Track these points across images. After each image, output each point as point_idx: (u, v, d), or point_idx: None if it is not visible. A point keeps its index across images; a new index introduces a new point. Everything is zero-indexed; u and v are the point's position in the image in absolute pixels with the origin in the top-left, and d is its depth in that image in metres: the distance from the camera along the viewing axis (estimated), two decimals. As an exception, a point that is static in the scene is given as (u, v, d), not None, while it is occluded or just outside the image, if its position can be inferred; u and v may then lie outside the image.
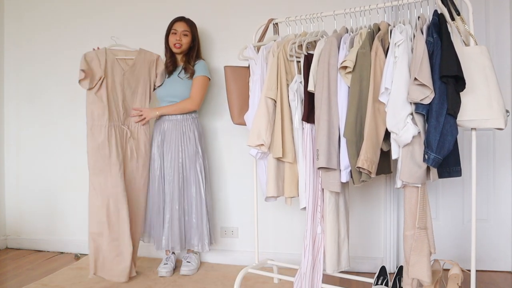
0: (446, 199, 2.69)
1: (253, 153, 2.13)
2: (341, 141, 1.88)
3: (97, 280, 2.58)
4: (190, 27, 2.67)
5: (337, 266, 2.02)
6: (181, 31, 2.65)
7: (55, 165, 3.27)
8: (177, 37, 2.64)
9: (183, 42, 2.65)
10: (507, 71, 2.57)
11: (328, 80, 1.88)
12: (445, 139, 1.68)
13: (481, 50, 1.76)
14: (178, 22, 2.67)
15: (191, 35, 2.67)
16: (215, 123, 2.94)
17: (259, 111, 2.06)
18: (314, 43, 2.13)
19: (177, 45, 2.64)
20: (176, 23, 2.67)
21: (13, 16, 3.35)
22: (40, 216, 3.31)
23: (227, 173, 2.93)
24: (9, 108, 3.38)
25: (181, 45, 2.64)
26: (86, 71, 2.50)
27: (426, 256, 1.79)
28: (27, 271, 2.81)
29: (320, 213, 2.03)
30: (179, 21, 2.68)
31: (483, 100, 1.71)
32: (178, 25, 2.66)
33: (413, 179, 1.73)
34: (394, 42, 1.78)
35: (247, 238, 2.89)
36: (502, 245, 2.61)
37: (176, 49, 2.66)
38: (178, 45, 2.64)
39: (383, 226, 2.68)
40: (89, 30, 3.17)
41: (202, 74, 2.66)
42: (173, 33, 2.66)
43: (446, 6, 1.82)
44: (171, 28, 2.68)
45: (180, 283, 2.54)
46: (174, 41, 2.64)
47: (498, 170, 2.62)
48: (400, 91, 1.73)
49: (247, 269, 2.33)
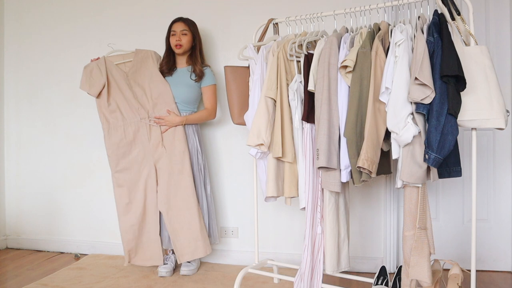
0: (446, 199, 2.69)
1: (252, 153, 2.13)
2: (341, 140, 1.88)
3: (97, 279, 2.59)
4: (188, 26, 2.66)
5: (337, 266, 2.01)
6: (180, 31, 2.64)
7: (55, 165, 3.27)
8: (177, 38, 2.63)
9: (183, 42, 2.64)
10: (507, 71, 2.57)
11: (328, 80, 1.88)
12: (445, 139, 1.68)
13: (482, 50, 1.76)
14: (176, 23, 2.66)
15: (190, 33, 2.66)
16: (215, 123, 2.94)
17: (259, 111, 2.06)
18: (314, 43, 2.13)
19: (177, 46, 2.64)
20: (174, 24, 2.66)
21: (13, 16, 3.35)
22: (40, 216, 3.31)
23: (227, 173, 2.93)
24: (9, 107, 3.38)
25: (182, 45, 2.64)
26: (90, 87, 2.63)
27: (426, 257, 1.79)
28: (27, 271, 2.81)
29: (320, 213, 2.03)
30: (177, 21, 2.67)
31: (484, 100, 1.71)
32: (176, 25, 2.66)
33: (413, 179, 1.73)
34: (395, 41, 1.78)
35: (247, 238, 2.89)
36: (502, 245, 2.61)
37: (177, 50, 2.65)
38: (179, 45, 2.64)
39: (383, 226, 2.68)
40: (89, 30, 3.17)
41: (213, 83, 2.69)
42: (172, 35, 2.66)
43: (447, 6, 1.82)
44: (170, 30, 2.67)
45: (180, 283, 2.54)
46: (175, 42, 2.64)
47: (498, 170, 2.62)
48: (400, 91, 1.73)
49: (247, 269, 2.33)
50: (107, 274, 2.71)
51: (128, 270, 2.77)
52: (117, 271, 2.75)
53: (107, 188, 3.13)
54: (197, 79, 2.65)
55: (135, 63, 2.68)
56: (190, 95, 2.65)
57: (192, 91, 2.65)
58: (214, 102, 2.71)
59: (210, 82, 2.68)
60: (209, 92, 2.68)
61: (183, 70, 2.70)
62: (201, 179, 2.69)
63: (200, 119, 2.69)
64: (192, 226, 2.59)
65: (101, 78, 2.63)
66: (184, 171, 2.60)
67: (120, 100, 2.64)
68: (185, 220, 2.59)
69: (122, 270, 2.78)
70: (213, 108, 2.70)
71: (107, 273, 2.72)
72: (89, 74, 2.65)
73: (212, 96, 2.69)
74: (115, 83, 2.65)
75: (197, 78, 2.64)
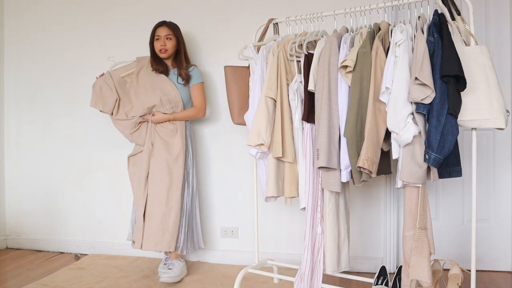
0: (446, 199, 2.69)
1: (253, 153, 2.13)
2: (342, 140, 1.88)
3: (97, 279, 2.59)
4: (172, 30, 2.65)
5: (337, 266, 2.01)
6: (164, 36, 2.62)
7: (55, 165, 3.27)
8: (161, 43, 2.61)
9: (168, 47, 2.63)
10: (507, 71, 2.57)
11: (328, 80, 1.88)
12: (445, 139, 1.68)
13: (482, 50, 1.75)
14: (160, 27, 2.64)
15: (175, 38, 2.65)
16: (215, 123, 2.94)
17: (259, 111, 2.06)
18: (314, 43, 2.13)
19: (162, 51, 2.62)
20: (158, 29, 2.64)
21: (13, 15, 3.35)
22: (40, 216, 3.31)
23: (227, 173, 2.93)
24: (9, 108, 3.38)
25: (167, 49, 2.63)
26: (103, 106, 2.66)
27: (426, 257, 1.79)
28: (27, 271, 2.81)
29: (320, 213, 2.03)
30: (160, 26, 2.65)
31: (484, 100, 1.71)
32: (160, 30, 2.63)
33: (413, 179, 1.73)
34: (395, 41, 1.78)
35: (247, 238, 2.89)
36: (502, 245, 2.61)
37: (162, 54, 2.64)
38: (164, 50, 2.62)
39: (383, 226, 2.68)
40: (89, 30, 3.17)
41: (199, 81, 2.69)
42: (156, 39, 2.64)
43: (447, 6, 1.82)
44: (154, 34, 2.65)
45: (180, 283, 2.54)
46: (159, 47, 2.62)
47: (498, 170, 2.62)
48: (400, 91, 1.73)
49: (247, 269, 2.33)
50: (107, 274, 2.71)
51: (128, 270, 2.77)
52: (117, 271, 2.75)
53: (107, 188, 3.13)
54: (185, 83, 2.65)
55: (138, 71, 2.71)
56: (183, 97, 2.66)
57: (181, 92, 2.65)
58: (202, 100, 2.69)
59: (197, 80, 2.67)
60: (197, 90, 2.68)
61: (170, 74, 2.70)
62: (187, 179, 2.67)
63: (187, 117, 2.67)
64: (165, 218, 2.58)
65: (112, 94, 2.64)
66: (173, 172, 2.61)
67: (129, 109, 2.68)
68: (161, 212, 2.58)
69: (122, 270, 2.78)
70: (201, 106, 2.69)
71: (107, 273, 2.72)
72: (99, 92, 2.65)
73: (200, 93, 2.69)
74: (125, 97, 2.68)
75: (184, 82, 2.65)
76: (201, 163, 2.96)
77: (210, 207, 2.96)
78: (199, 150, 2.96)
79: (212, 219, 2.96)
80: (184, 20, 2.91)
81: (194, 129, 2.95)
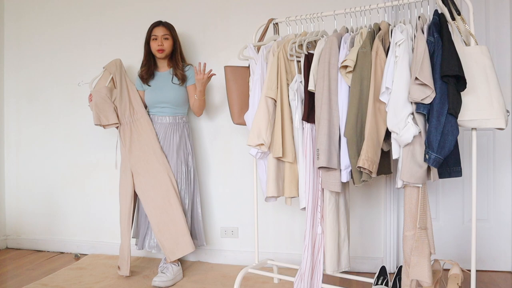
0: (446, 199, 2.69)
1: (253, 153, 2.13)
2: (342, 140, 1.88)
3: (97, 279, 2.58)
4: (169, 30, 2.66)
5: (337, 266, 2.01)
6: (161, 36, 2.63)
7: (55, 165, 3.27)
8: (159, 42, 2.62)
9: (165, 47, 2.64)
10: (507, 71, 2.57)
11: (328, 80, 1.88)
12: (446, 139, 1.68)
13: (482, 50, 1.75)
14: (157, 27, 2.65)
15: (171, 38, 2.66)
16: (215, 123, 2.94)
17: (259, 111, 2.06)
18: (314, 43, 2.13)
19: (160, 51, 2.63)
20: (155, 29, 2.65)
21: (13, 16, 3.35)
22: (40, 216, 3.31)
23: (227, 173, 2.93)
24: (9, 108, 3.38)
25: (164, 49, 2.64)
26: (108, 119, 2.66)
27: (426, 257, 1.79)
28: (27, 271, 2.81)
29: (320, 213, 2.03)
30: (157, 26, 2.66)
31: (484, 100, 1.71)
32: (157, 30, 2.64)
33: (413, 179, 1.73)
34: (395, 41, 1.78)
35: (247, 238, 2.89)
36: (502, 245, 2.61)
37: (159, 54, 2.65)
38: (161, 50, 2.63)
39: (383, 226, 2.68)
40: (89, 30, 3.17)
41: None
42: (153, 39, 2.64)
43: (447, 6, 1.82)
44: (151, 34, 2.66)
45: (180, 283, 2.54)
46: (157, 47, 2.63)
47: (498, 170, 2.62)
48: (401, 91, 1.73)
49: (247, 269, 2.33)
50: (107, 274, 2.71)
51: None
52: (117, 271, 2.75)
53: (107, 188, 3.13)
54: (181, 83, 2.66)
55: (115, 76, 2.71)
56: (178, 97, 2.66)
57: (179, 92, 2.66)
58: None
59: (194, 80, 2.67)
60: (194, 90, 2.67)
61: (165, 73, 2.70)
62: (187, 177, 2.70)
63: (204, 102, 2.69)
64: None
65: (109, 105, 2.63)
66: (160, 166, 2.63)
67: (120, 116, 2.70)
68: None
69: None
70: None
71: (107, 273, 2.72)
72: (97, 108, 2.61)
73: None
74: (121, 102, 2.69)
75: (180, 82, 2.65)
76: (201, 163, 2.96)
77: (210, 207, 2.97)
78: (199, 150, 2.96)
79: (212, 219, 2.96)
80: (184, 20, 2.91)
81: (194, 129, 2.95)
